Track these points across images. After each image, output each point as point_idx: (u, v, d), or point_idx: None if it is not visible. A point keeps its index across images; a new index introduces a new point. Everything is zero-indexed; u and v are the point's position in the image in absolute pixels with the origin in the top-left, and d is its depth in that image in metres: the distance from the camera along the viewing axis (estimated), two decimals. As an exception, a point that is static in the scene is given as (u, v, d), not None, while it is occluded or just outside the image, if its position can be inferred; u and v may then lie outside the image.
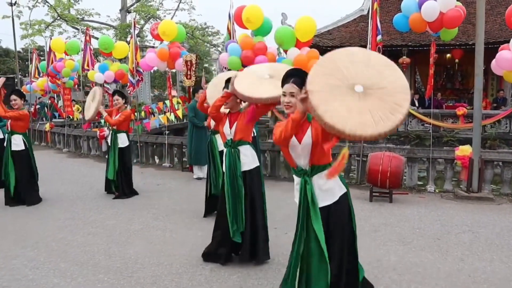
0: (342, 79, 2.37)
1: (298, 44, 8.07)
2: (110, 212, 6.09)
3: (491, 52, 6.61)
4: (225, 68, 9.07)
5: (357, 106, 2.28)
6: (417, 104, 15.69)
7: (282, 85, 2.77)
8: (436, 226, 5.34)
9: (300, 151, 2.77)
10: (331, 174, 2.64)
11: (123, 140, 6.98)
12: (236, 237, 3.98)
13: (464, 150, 6.92)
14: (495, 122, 12.73)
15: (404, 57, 15.55)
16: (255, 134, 8.12)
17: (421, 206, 6.30)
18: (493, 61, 6.74)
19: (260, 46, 7.88)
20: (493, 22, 15.50)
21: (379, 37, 7.61)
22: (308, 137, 2.74)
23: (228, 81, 3.92)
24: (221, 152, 5.69)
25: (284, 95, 2.75)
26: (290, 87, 2.72)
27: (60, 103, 21.29)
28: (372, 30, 7.57)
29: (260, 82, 3.58)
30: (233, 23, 9.39)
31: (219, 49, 37.97)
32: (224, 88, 4.00)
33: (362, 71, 2.39)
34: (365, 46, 16.41)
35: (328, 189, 2.79)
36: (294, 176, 2.95)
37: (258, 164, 4.14)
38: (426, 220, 5.60)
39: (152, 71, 25.44)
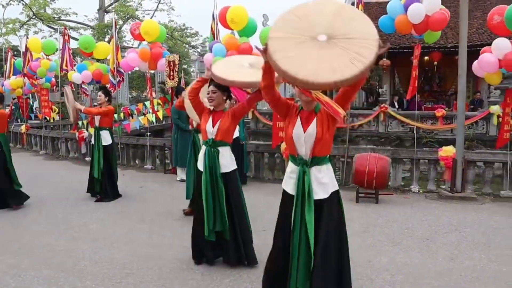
0: (306, 28, 2.32)
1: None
2: (93, 215, 5.91)
3: (468, 55, 6.79)
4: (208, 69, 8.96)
5: (317, 54, 2.24)
6: (396, 106, 15.93)
7: None
8: (424, 226, 5.39)
9: (304, 141, 2.78)
10: None
11: (106, 138, 6.77)
12: (211, 236, 3.90)
13: (447, 151, 7.02)
14: (472, 124, 13.05)
15: (384, 59, 15.75)
16: (243, 141, 8.10)
17: (407, 207, 6.36)
18: (475, 63, 6.86)
19: (245, 47, 7.82)
20: (470, 25, 15.79)
21: (363, 38, 7.64)
22: (313, 128, 2.75)
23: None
24: None
25: None
26: None
27: (36, 104, 20.76)
28: (357, 31, 7.60)
29: (239, 69, 3.57)
30: (217, 24, 9.31)
31: (198, 50, 37.80)
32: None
33: (329, 21, 2.33)
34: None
35: (324, 183, 2.80)
36: (290, 163, 2.93)
37: (235, 167, 4.07)
38: (413, 220, 5.65)
39: (129, 72, 25.07)
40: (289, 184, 2.92)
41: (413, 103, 16.07)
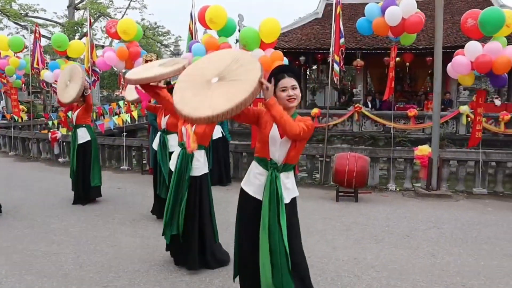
0: (205, 73, 2.70)
1: (263, 46, 8.07)
2: (72, 218, 5.76)
3: None
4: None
5: (204, 94, 2.57)
6: (370, 106, 16.27)
7: (277, 82, 2.75)
8: (404, 223, 5.54)
9: (279, 146, 2.79)
10: None
11: (82, 135, 6.50)
12: (167, 237, 3.95)
13: (423, 150, 7.23)
14: (443, 123, 13.47)
15: (358, 59, 16.06)
16: (229, 140, 8.13)
17: (386, 205, 6.52)
18: (449, 65, 7.10)
19: (225, 47, 7.79)
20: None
21: (342, 40, 7.79)
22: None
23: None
24: (171, 153, 5.54)
25: (285, 90, 2.74)
26: (290, 80, 2.74)
27: (3, 103, 20.02)
28: (336, 33, 7.74)
29: (150, 69, 3.75)
30: (195, 23, 9.26)
31: (171, 49, 37.42)
32: None
33: (226, 66, 2.67)
34: (321, 48, 16.75)
35: (289, 188, 2.86)
36: (257, 165, 2.88)
37: (207, 171, 4.09)
38: (393, 218, 5.80)
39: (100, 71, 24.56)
40: (252, 185, 2.90)
41: (385, 103, 16.46)
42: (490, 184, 7.60)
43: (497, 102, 15.68)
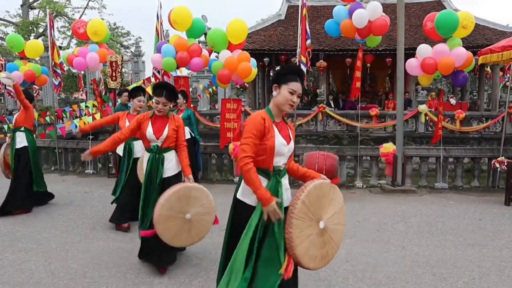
0: (316, 217, 2.67)
1: (231, 47, 8.10)
2: (38, 225, 5.56)
3: (395, 57, 7.43)
4: (155, 68, 8.80)
5: (318, 242, 2.68)
6: (332, 105, 16.63)
7: (288, 81, 2.60)
8: (373, 218, 5.73)
9: (286, 152, 2.72)
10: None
11: (18, 140, 6.09)
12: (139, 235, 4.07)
13: (387, 148, 7.51)
14: (403, 122, 13.97)
15: (321, 61, 16.38)
16: (199, 140, 8.09)
17: (354, 201, 6.71)
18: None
19: (195, 48, 7.76)
20: (396, 31, 16.97)
21: (308, 41, 7.94)
22: (291, 140, 2.78)
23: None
24: (136, 160, 5.32)
25: (292, 93, 2.60)
26: (300, 87, 2.63)
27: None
28: (302, 34, 7.88)
29: (183, 228, 3.61)
30: (161, 24, 9.15)
31: (132, 50, 36.68)
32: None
33: (329, 212, 2.74)
34: (285, 49, 16.90)
35: (288, 188, 2.80)
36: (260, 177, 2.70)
37: (180, 169, 4.08)
38: (363, 213, 5.98)
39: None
40: (252, 195, 2.65)
41: (348, 103, 16.90)
42: (450, 179, 7.98)
43: (452, 101, 16.45)
